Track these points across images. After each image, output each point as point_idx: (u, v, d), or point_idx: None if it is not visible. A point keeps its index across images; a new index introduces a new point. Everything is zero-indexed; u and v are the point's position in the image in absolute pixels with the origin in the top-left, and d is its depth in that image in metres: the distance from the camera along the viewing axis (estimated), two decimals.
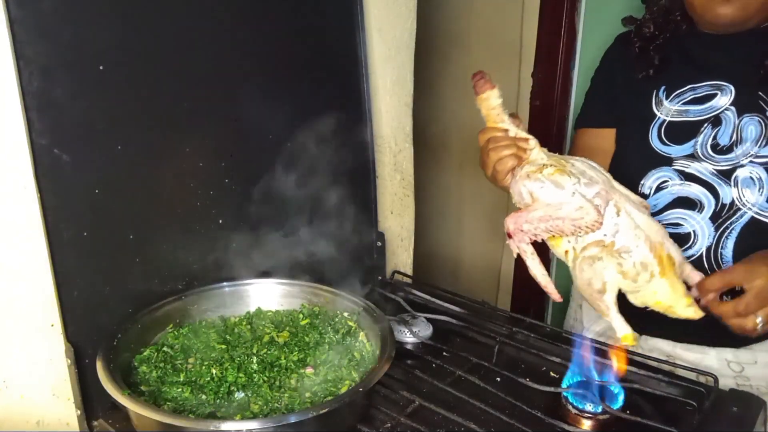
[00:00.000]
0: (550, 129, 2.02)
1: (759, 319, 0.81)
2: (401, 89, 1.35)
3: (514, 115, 0.93)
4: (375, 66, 1.28)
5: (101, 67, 0.86)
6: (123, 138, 0.90)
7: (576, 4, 1.90)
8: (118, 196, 0.91)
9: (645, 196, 1.07)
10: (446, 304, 1.25)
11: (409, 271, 1.47)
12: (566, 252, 0.85)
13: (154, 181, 0.96)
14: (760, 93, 1.00)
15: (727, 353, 1.07)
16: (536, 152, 0.90)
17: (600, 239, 0.82)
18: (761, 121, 1.00)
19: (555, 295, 0.89)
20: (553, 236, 0.85)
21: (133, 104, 0.91)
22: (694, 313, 0.80)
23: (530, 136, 0.91)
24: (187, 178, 1.01)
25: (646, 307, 0.85)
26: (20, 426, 0.85)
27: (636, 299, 0.83)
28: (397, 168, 1.38)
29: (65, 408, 0.86)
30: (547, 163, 0.86)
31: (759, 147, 0.99)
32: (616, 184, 0.87)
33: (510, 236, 0.87)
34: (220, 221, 1.07)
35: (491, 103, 0.91)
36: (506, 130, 0.92)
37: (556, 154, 0.90)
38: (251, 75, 1.07)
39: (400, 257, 1.45)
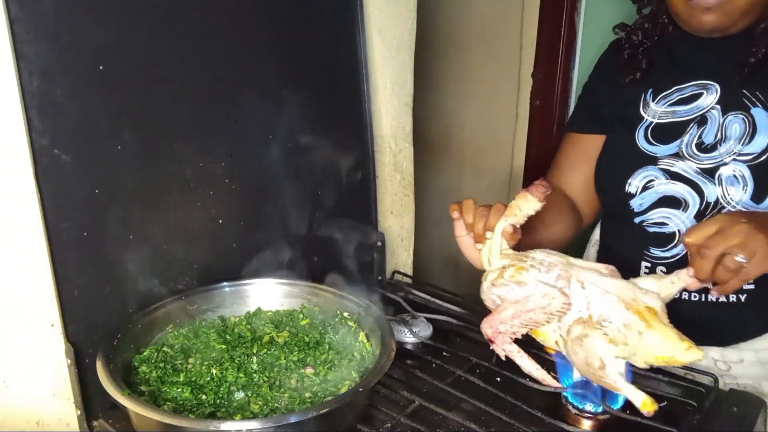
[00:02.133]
0: (550, 129, 2.02)
1: (739, 257, 0.76)
2: (401, 89, 1.35)
3: (516, 231, 0.91)
4: (375, 66, 1.28)
5: (101, 67, 0.86)
6: (123, 138, 0.90)
7: (576, 4, 1.90)
8: (118, 196, 0.91)
9: (632, 196, 1.08)
10: (446, 304, 1.25)
11: (409, 271, 1.47)
12: (557, 342, 0.84)
13: (154, 181, 0.96)
14: (744, 91, 1.01)
15: (714, 352, 1.08)
16: (496, 257, 0.90)
17: (578, 317, 0.81)
18: (745, 118, 1.00)
19: (554, 383, 0.88)
20: (534, 330, 0.85)
21: (133, 104, 0.91)
22: (696, 354, 0.77)
23: (500, 259, 0.89)
24: (187, 178, 1.01)
25: (651, 366, 0.82)
26: (20, 426, 0.85)
27: (638, 362, 0.81)
28: (397, 168, 1.38)
29: (65, 408, 0.86)
30: (506, 265, 0.87)
31: (742, 145, 0.99)
32: (573, 260, 0.86)
33: (491, 341, 0.86)
34: (220, 221, 1.06)
35: (523, 207, 0.89)
36: (500, 229, 0.90)
37: (514, 252, 0.89)
38: (251, 75, 1.07)
39: (400, 257, 1.45)
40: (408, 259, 1.47)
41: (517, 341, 0.87)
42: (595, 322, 0.80)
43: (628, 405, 0.89)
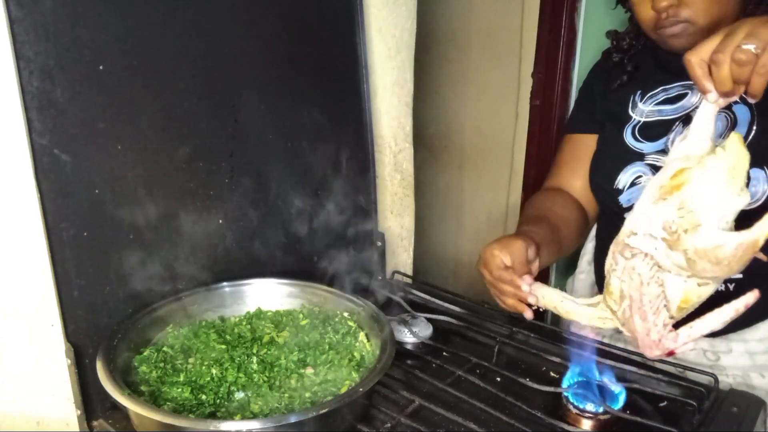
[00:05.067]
0: (550, 129, 2.02)
1: (748, 46, 0.70)
2: (401, 89, 1.35)
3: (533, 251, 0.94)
4: (375, 66, 1.28)
5: (101, 67, 0.86)
6: (123, 138, 0.90)
7: (576, 4, 1.90)
8: (118, 196, 0.91)
9: (620, 192, 1.10)
10: (446, 304, 1.25)
11: (409, 271, 1.47)
12: (699, 283, 0.77)
13: (154, 181, 0.96)
14: None
15: (704, 343, 1.08)
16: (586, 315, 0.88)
17: (664, 248, 0.75)
18: (727, 116, 1.02)
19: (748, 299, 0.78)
20: (675, 299, 0.78)
21: (133, 104, 0.91)
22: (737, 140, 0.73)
23: (590, 309, 0.88)
24: (187, 178, 1.01)
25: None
26: (20, 426, 0.85)
27: (741, 198, 0.73)
28: (397, 168, 1.38)
29: (65, 408, 0.86)
30: (596, 304, 0.85)
31: (723, 139, 1.01)
32: (615, 239, 0.83)
33: (673, 353, 0.79)
34: (220, 221, 1.06)
35: (548, 302, 0.90)
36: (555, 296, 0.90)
37: (583, 300, 0.89)
38: (251, 75, 1.07)
39: (400, 257, 1.45)
40: (408, 259, 1.47)
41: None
42: (673, 237, 0.73)
43: (628, 405, 0.89)
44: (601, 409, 0.87)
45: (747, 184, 0.74)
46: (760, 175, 0.96)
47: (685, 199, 0.73)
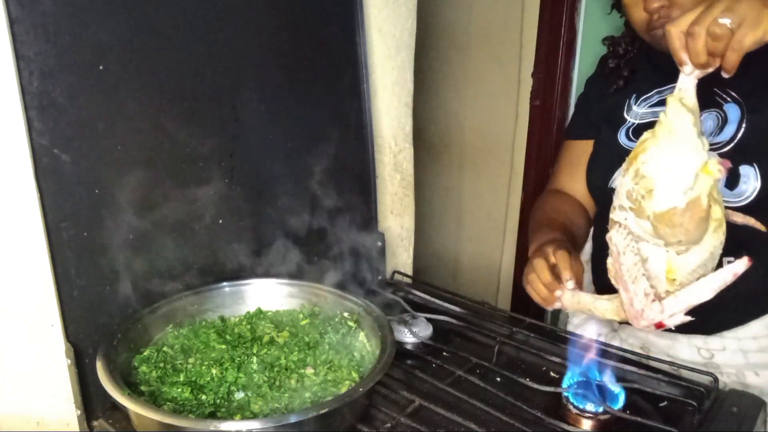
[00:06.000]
0: (550, 129, 2.02)
1: (723, 20, 0.72)
2: (401, 89, 1.35)
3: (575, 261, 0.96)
4: (375, 66, 1.28)
5: (101, 67, 0.86)
6: (123, 138, 0.90)
7: (576, 4, 1.90)
8: (118, 196, 0.91)
9: (613, 191, 1.11)
10: (446, 304, 1.25)
11: (409, 271, 1.47)
12: (680, 249, 0.77)
13: (154, 181, 0.96)
14: (717, 90, 1.04)
15: (698, 340, 1.09)
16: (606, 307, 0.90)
17: (630, 213, 0.78)
18: (718, 114, 1.03)
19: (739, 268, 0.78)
20: (664, 271, 0.79)
21: (133, 104, 0.91)
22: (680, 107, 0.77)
23: (601, 302, 0.90)
24: (187, 178, 1.01)
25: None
26: (20, 426, 0.85)
27: (711, 172, 0.75)
28: (397, 168, 1.38)
29: (65, 408, 0.86)
30: (611, 299, 0.88)
31: (713, 136, 1.02)
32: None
33: (662, 325, 0.80)
34: (220, 221, 1.06)
35: (577, 304, 0.92)
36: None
37: (605, 296, 0.90)
38: (251, 75, 1.07)
39: (400, 257, 1.45)
40: (408, 259, 1.47)
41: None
42: (636, 205, 0.77)
43: (628, 405, 0.89)
44: (601, 409, 0.87)
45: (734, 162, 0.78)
46: (749, 172, 0.97)
47: (639, 167, 0.78)
